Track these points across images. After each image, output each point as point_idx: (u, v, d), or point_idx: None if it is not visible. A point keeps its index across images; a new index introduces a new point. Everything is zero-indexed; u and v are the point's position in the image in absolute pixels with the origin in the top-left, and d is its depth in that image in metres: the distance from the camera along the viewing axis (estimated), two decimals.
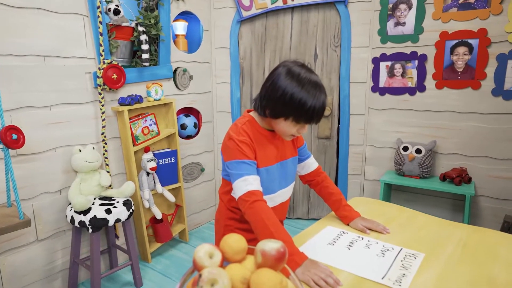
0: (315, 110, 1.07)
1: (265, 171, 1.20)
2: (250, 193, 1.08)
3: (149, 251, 2.45)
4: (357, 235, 1.21)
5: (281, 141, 1.26)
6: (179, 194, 2.65)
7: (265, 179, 1.19)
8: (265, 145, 1.20)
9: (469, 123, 2.42)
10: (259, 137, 1.19)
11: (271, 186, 1.23)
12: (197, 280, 0.65)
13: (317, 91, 1.08)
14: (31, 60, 1.85)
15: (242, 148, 1.13)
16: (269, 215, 1.06)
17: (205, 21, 2.81)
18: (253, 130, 1.19)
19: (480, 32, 2.28)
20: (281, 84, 1.09)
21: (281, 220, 1.34)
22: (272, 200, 1.25)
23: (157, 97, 2.36)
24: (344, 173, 2.90)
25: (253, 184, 1.10)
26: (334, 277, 0.94)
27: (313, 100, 1.06)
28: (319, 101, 1.07)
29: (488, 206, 2.43)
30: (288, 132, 1.14)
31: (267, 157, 1.20)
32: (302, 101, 1.06)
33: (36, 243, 1.98)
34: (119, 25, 2.20)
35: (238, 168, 1.12)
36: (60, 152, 2.02)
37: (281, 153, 1.26)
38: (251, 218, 1.08)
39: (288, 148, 1.29)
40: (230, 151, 1.15)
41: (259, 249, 0.77)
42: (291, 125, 1.11)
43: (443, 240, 1.18)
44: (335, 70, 2.79)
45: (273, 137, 1.23)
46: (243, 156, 1.12)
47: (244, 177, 1.10)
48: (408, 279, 0.95)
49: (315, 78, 1.10)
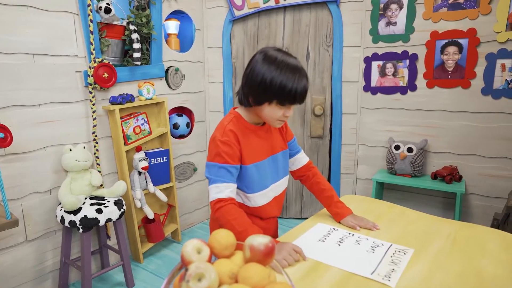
0: (297, 91, 1.08)
1: (255, 167, 1.19)
2: (219, 200, 1.10)
3: (141, 251, 2.43)
4: (348, 232, 1.21)
5: (270, 135, 1.26)
6: (171, 193, 2.64)
7: (256, 175, 1.19)
8: (253, 140, 1.20)
9: (460, 122, 2.44)
10: (247, 133, 1.19)
11: (263, 181, 1.22)
12: (184, 275, 0.64)
13: (296, 73, 1.08)
14: (20, 58, 1.83)
15: (223, 150, 1.12)
16: (235, 215, 1.09)
17: (197, 21, 2.81)
18: (240, 126, 1.18)
19: (470, 32, 2.30)
20: (259, 70, 1.09)
21: (276, 216, 1.35)
22: (265, 196, 1.24)
23: (149, 96, 2.35)
24: (336, 172, 2.91)
25: (224, 192, 1.11)
26: (298, 249, 1.05)
27: (293, 81, 1.07)
28: (300, 82, 1.08)
29: (478, 204, 2.45)
30: (274, 116, 1.13)
31: (256, 152, 1.20)
32: (283, 83, 1.06)
33: (25, 243, 1.96)
34: (110, 24, 2.18)
35: (214, 173, 1.13)
36: (50, 152, 2.00)
37: (271, 147, 1.25)
38: (220, 222, 1.10)
39: (278, 141, 1.29)
40: (210, 152, 1.16)
41: (248, 244, 0.77)
42: (276, 108, 1.11)
43: (433, 236, 1.19)
44: (327, 70, 2.81)
45: (262, 131, 1.23)
46: (221, 160, 1.12)
47: (217, 184, 1.12)
48: (397, 274, 0.95)
49: (293, 61, 1.10)
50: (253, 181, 1.18)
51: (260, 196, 1.22)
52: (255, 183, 1.18)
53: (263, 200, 1.24)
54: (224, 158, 1.13)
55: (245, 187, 1.20)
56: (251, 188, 1.20)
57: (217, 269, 0.69)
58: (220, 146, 1.13)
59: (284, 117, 1.14)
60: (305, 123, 2.94)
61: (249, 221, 1.11)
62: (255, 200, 1.22)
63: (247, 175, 1.18)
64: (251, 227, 1.09)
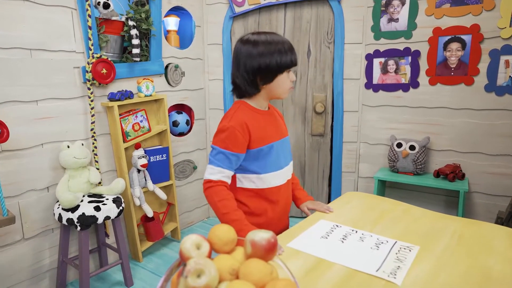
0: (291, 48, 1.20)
1: (270, 148, 1.25)
2: (209, 180, 1.19)
3: (140, 250, 2.40)
4: (351, 229, 1.19)
5: (275, 119, 1.33)
6: (171, 192, 2.61)
7: (272, 155, 1.25)
8: (264, 124, 1.25)
9: (463, 119, 2.41)
10: (257, 117, 1.24)
11: (278, 162, 1.29)
12: (182, 271, 0.62)
13: (278, 37, 1.21)
14: (17, 53, 1.80)
15: (227, 136, 1.18)
16: (222, 197, 1.17)
17: (197, 17, 2.78)
18: (249, 112, 1.24)
19: (473, 28, 2.27)
20: (253, 52, 1.18)
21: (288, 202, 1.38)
22: (280, 177, 1.30)
23: (148, 93, 2.32)
24: (338, 171, 2.88)
25: (215, 175, 1.19)
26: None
27: (283, 43, 1.19)
28: (286, 41, 1.21)
29: (481, 202, 2.42)
30: (286, 85, 1.23)
31: (269, 135, 1.26)
32: (278, 47, 1.18)
33: (22, 241, 1.93)
34: (108, 19, 2.15)
35: (213, 155, 1.21)
36: (47, 148, 1.97)
37: (280, 130, 1.33)
38: (208, 201, 1.21)
39: (283, 126, 1.37)
40: (215, 135, 1.23)
41: (249, 239, 0.74)
42: (286, 76, 1.21)
43: (438, 233, 1.16)
44: (329, 67, 2.78)
45: (269, 116, 1.30)
46: (222, 145, 1.19)
47: (211, 166, 1.20)
48: (403, 271, 0.92)
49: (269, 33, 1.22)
50: (270, 161, 1.25)
51: (275, 176, 1.28)
52: (271, 163, 1.25)
53: (278, 181, 1.29)
54: (225, 144, 1.18)
55: (259, 168, 1.25)
56: (265, 168, 1.25)
57: (217, 265, 0.66)
58: (225, 132, 1.19)
59: (291, 83, 1.24)
60: (306, 121, 2.91)
61: (235, 205, 1.18)
62: (269, 181, 1.27)
63: (264, 156, 1.24)
64: (234, 210, 1.16)
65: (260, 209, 1.28)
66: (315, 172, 2.98)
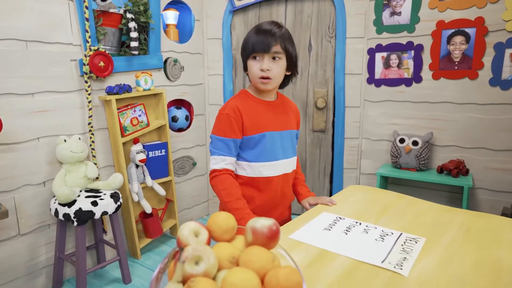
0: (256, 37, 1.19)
1: (263, 136, 1.23)
2: (214, 170, 1.22)
3: (139, 247, 2.36)
4: (355, 221, 1.15)
5: (282, 111, 1.31)
6: (170, 188, 2.57)
7: (264, 145, 1.24)
8: (261, 113, 1.25)
9: (466, 114, 2.37)
10: (253, 105, 1.25)
11: (273, 153, 1.26)
12: (179, 256, 0.58)
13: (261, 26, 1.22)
14: (12, 45, 1.76)
15: (223, 124, 1.21)
16: (226, 185, 1.18)
17: (197, 11, 2.74)
18: (246, 100, 1.25)
19: (477, 21, 2.23)
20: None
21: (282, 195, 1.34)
22: (275, 168, 1.28)
23: (147, 87, 2.28)
24: (339, 167, 2.84)
25: (219, 164, 1.21)
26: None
27: (255, 31, 1.21)
28: (260, 30, 1.20)
29: (485, 198, 2.38)
30: (255, 73, 1.21)
31: (263, 124, 1.24)
32: (248, 35, 1.23)
33: (18, 237, 1.89)
34: (106, 11, 2.12)
35: (213, 145, 1.23)
36: (44, 142, 1.94)
37: (283, 123, 1.30)
38: (213, 190, 1.23)
39: (291, 120, 1.34)
40: (214, 125, 1.26)
41: (250, 227, 0.70)
42: (252, 63, 1.21)
43: (445, 225, 1.12)
44: (330, 62, 2.74)
45: (273, 106, 1.29)
46: (220, 133, 1.21)
47: (214, 156, 1.22)
48: (410, 262, 0.88)
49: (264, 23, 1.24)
50: (262, 151, 1.23)
51: (267, 167, 1.25)
52: (263, 153, 1.24)
53: (270, 172, 1.26)
54: (222, 131, 1.21)
55: (251, 156, 1.24)
56: (256, 157, 1.24)
57: (216, 253, 0.63)
58: (221, 120, 1.22)
59: (261, 71, 1.19)
60: (307, 116, 2.87)
61: (238, 193, 1.18)
62: (260, 170, 1.25)
63: (256, 144, 1.23)
64: (236, 199, 1.16)
65: (247, 197, 1.26)
66: (316, 168, 2.94)
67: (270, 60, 1.19)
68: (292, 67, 1.28)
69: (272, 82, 1.22)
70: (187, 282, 0.56)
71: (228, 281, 0.57)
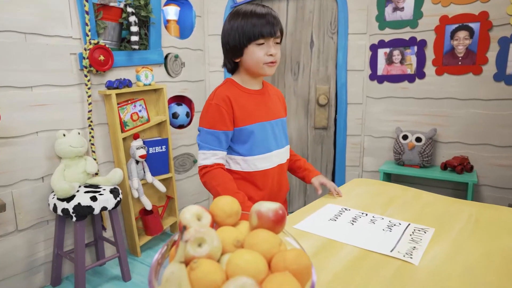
0: (265, 17, 1.09)
1: (255, 128, 1.18)
2: (204, 166, 1.15)
3: (139, 244, 2.32)
4: (360, 212, 1.12)
5: (268, 100, 1.25)
6: (170, 185, 2.54)
7: (257, 136, 1.17)
8: (250, 103, 1.19)
9: (470, 110, 2.34)
10: (242, 95, 1.18)
11: (266, 144, 1.20)
12: (181, 236, 0.55)
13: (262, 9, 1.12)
14: (10, 37, 1.74)
15: (212, 115, 1.13)
16: (220, 180, 1.11)
17: (198, 7, 2.72)
18: (233, 89, 1.18)
19: (481, 15, 2.21)
20: (229, 23, 1.14)
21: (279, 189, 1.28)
22: (268, 160, 1.21)
23: (147, 82, 2.25)
24: (341, 165, 2.81)
25: (209, 159, 1.14)
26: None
27: (260, 13, 1.10)
28: (265, 12, 1.11)
29: (490, 195, 2.35)
30: (259, 59, 1.12)
31: (254, 114, 1.18)
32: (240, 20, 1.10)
33: (16, 233, 1.86)
34: (106, 5, 2.09)
35: (202, 138, 1.16)
36: (42, 137, 1.91)
37: (272, 111, 1.24)
38: (206, 187, 1.17)
39: (278, 108, 1.28)
40: (202, 117, 1.18)
41: (255, 211, 0.67)
42: (256, 49, 1.11)
43: (453, 216, 1.09)
44: (332, 58, 2.71)
45: (259, 95, 1.22)
46: (209, 125, 1.14)
47: (203, 151, 1.15)
48: (419, 252, 0.86)
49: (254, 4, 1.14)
50: (256, 143, 1.17)
51: (262, 159, 1.20)
52: (257, 145, 1.17)
53: (265, 164, 1.21)
54: (212, 123, 1.13)
55: (244, 149, 1.18)
56: (251, 150, 1.18)
57: (220, 236, 0.60)
58: (209, 111, 1.14)
59: (268, 56, 1.12)
60: (309, 113, 2.84)
61: (235, 186, 1.12)
62: (255, 164, 1.19)
63: (248, 136, 1.17)
64: (234, 193, 1.09)
65: (244, 192, 1.19)
66: (318, 166, 2.91)
67: (274, 44, 1.14)
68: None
69: (276, 66, 1.18)
70: (190, 263, 0.53)
71: (233, 263, 0.54)
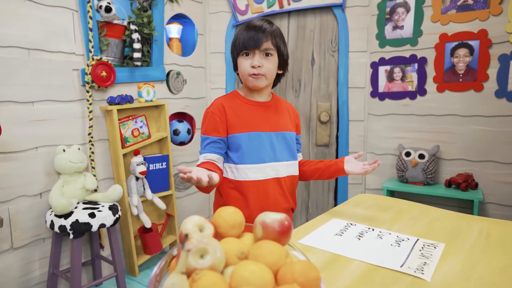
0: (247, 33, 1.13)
1: (247, 136, 1.18)
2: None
3: (137, 264, 2.26)
4: (367, 227, 1.08)
5: (275, 112, 1.25)
6: (170, 202, 2.49)
7: (249, 145, 1.17)
8: (248, 112, 1.20)
9: (473, 126, 2.33)
10: (241, 105, 1.21)
11: (258, 153, 1.19)
12: (183, 245, 0.52)
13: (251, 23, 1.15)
14: (14, 52, 1.75)
15: (207, 122, 1.19)
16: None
17: (200, 25, 2.76)
18: (233, 99, 1.22)
19: (481, 33, 2.23)
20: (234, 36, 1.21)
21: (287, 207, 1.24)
22: (261, 171, 1.19)
23: (149, 98, 2.25)
24: (344, 182, 2.77)
25: (200, 161, 1.17)
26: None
27: (245, 27, 1.15)
28: (251, 26, 1.14)
29: (496, 213, 2.30)
30: (245, 70, 1.16)
31: (250, 123, 1.19)
32: (237, 32, 1.18)
33: (11, 251, 1.80)
34: (110, 22, 2.12)
35: (201, 144, 1.20)
36: (42, 152, 1.89)
37: (275, 124, 1.24)
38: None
39: (285, 122, 1.27)
40: (201, 124, 1.23)
41: (259, 221, 0.64)
42: (242, 60, 1.16)
43: (463, 231, 1.05)
44: (333, 75, 2.73)
45: (264, 107, 1.24)
46: (206, 132, 1.19)
47: (200, 156, 1.19)
48: (431, 267, 0.82)
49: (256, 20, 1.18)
50: (248, 152, 1.17)
51: (254, 169, 1.18)
52: (249, 154, 1.17)
53: (257, 175, 1.18)
54: (207, 130, 1.18)
55: (237, 157, 1.18)
56: (243, 158, 1.17)
57: (223, 248, 0.57)
58: (206, 118, 1.20)
59: (252, 68, 1.14)
60: (311, 130, 2.83)
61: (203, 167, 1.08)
62: (246, 173, 1.17)
63: (239, 144, 1.17)
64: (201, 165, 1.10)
65: (237, 203, 1.16)
66: (320, 183, 2.88)
67: (262, 56, 1.14)
68: (284, 66, 1.23)
69: (264, 79, 1.16)
70: (191, 275, 0.50)
71: (238, 274, 0.51)
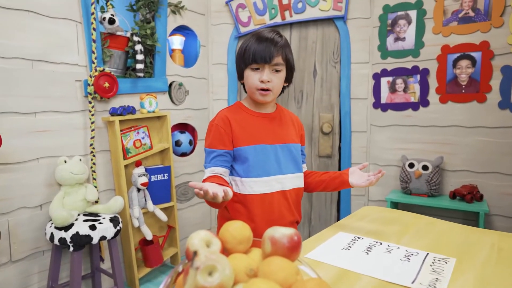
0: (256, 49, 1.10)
1: (253, 149, 1.16)
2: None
3: (137, 277, 2.22)
4: (375, 240, 1.06)
5: (279, 124, 1.24)
6: (171, 214, 2.47)
7: (254, 158, 1.15)
8: (252, 124, 1.19)
9: (476, 137, 2.32)
10: (245, 117, 1.19)
11: (264, 166, 1.16)
12: (191, 263, 0.50)
13: (262, 35, 1.13)
14: (17, 63, 1.75)
15: (211, 135, 1.16)
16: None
17: (203, 37, 2.77)
18: (237, 110, 1.20)
19: (482, 45, 2.24)
20: (241, 44, 1.20)
21: (292, 220, 1.22)
22: (266, 184, 1.16)
23: (151, 109, 2.25)
24: (347, 194, 2.75)
25: (206, 175, 1.15)
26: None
27: (256, 41, 1.12)
28: (262, 40, 1.11)
29: (502, 225, 2.27)
30: (252, 84, 1.14)
31: (255, 136, 1.17)
32: (246, 42, 1.16)
33: (9, 264, 1.77)
34: (113, 34, 2.13)
35: (206, 157, 1.18)
36: (43, 163, 1.87)
37: (280, 136, 1.22)
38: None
39: (290, 134, 1.25)
40: (205, 137, 1.22)
41: (268, 236, 0.63)
42: (251, 74, 1.14)
43: (473, 245, 1.03)
44: (335, 87, 2.73)
45: (269, 119, 1.22)
46: (208, 144, 1.17)
47: (205, 170, 1.16)
48: (443, 283, 0.79)
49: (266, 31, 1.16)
50: (253, 165, 1.14)
51: (259, 182, 1.15)
52: (254, 167, 1.14)
53: (262, 188, 1.15)
54: (212, 143, 1.15)
55: (242, 170, 1.15)
56: (248, 171, 1.15)
57: (231, 264, 0.55)
58: (210, 131, 1.18)
59: (261, 83, 1.13)
60: (313, 141, 2.82)
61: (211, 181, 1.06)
62: (251, 186, 1.15)
63: (245, 157, 1.15)
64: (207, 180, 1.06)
65: (242, 217, 1.14)
66: (322, 195, 2.85)
67: (271, 71, 1.13)
68: (290, 78, 1.23)
69: (272, 94, 1.16)
70: None
71: None
